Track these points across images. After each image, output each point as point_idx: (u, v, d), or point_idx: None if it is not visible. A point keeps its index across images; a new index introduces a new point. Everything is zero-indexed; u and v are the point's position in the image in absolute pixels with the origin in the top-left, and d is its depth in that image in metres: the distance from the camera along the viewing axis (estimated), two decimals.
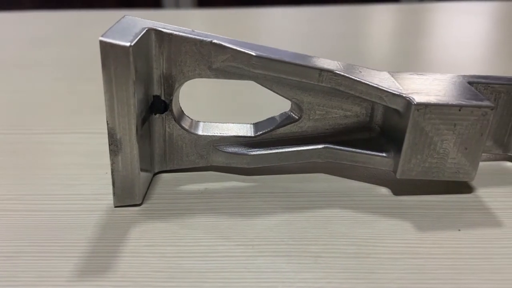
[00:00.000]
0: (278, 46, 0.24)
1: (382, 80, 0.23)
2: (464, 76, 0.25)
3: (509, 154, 0.26)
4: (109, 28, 0.21)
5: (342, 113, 0.25)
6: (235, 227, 0.20)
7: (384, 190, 0.23)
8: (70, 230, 0.20)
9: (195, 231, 0.20)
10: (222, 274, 0.18)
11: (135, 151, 0.21)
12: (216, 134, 0.25)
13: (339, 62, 0.24)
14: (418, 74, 0.25)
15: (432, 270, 0.18)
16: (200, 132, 0.25)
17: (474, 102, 0.21)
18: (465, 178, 0.22)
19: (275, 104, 0.27)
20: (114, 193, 0.22)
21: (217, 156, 0.25)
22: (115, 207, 0.22)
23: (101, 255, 0.19)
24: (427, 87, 0.23)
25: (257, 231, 0.20)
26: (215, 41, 0.22)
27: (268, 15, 0.65)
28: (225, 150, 0.25)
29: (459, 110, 0.21)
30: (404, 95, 0.22)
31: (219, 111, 0.33)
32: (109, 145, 0.21)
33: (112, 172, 0.22)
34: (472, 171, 0.22)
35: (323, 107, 0.25)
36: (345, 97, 0.24)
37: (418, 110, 0.21)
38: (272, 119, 0.26)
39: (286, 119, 0.25)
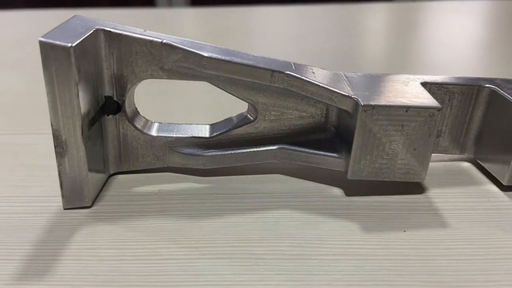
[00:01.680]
0: (270, 45, 0.24)
1: (335, 81, 0.23)
2: (418, 77, 0.25)
3: (466, 154, 0.26)
4: (54, 28, 0.21)
5: (297, 114, 0.25)
6: (182, 229, 0.20)
7: (337, 191, 0.23)
8: (14, 233, 0.20)
9: (140, 234, 0.20)
10: (160, 277, 0.17)
11: (82, 152, 0.21)
12: (171, 135, 0.25)
13: (294, 63, 0.24)
14: (371, 75, 0.25)
15: (370, 271, 0.18)
16: (154, 133, 0.25)
17: (421, 103, 0.21)
18: (416, 178, 0.22)
19: (238, 104, 0.27)
20: (62, 195, 0.22)
21: (173, 157, 0.25)
22: (65, 209, 0.22)
23: (42, 258, 0.19)
24: (378, 88, 0.23)
25: (204, 233, 0.20)
26: (165, 41, 0.22)
27: (261, 13, 0.65)
28: (181, 151, 0.25)
29: (406, 111, 0.21)
30: (352, 96, 0.22)
31: (181, 111, 0.33)
32: (55, 147, 0.21)
33: (59, 174, 0.21)
34: (422, 172, 0.22)
35: (278, 108, 0.25)
36: (299, 98, 0.24)
37: (365, 111, 0.21)
38: (229, 119, 0.26)
39: (242, 120, 0.25)
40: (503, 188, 0.23)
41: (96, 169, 0.23)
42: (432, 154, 0.27)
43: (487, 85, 0.24)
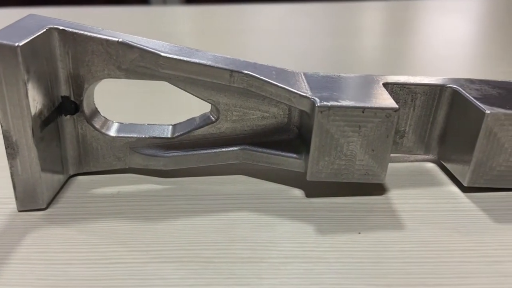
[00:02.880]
0: (264, 43, 0.23)
1: (295, 81, 0.23)
2: (380, 77, 0.25)
3: (431, 155, 0.26)
4: (5, 27, 0.20)
5: (259, 115, 0.25)
6: (135, 232, 0.20)
7: (297, 192, 0.23)
8: None
9: (93, 237, 0.20)
10: (106, 282, 0.17)
11: (34, 154, 0.21)
12: (132, 136, 0.25)
13: (256, 63, 0.24)
14: (334, 75, 0.24)
15: (318, 274, 0.17)
16: (114, 134, 0.24)
17: (378, 104, 0.21)
18: (375, 180, 0.22)
19: (206, 104, 0.26)
20: (16, 197, 0.22)
21: (134, 158, 0.25)
22: (19, 211, 0.21)
23: None
24: (338, 89, 0.22)
25: (157, 236, 0.20)
26: (122, 40, 0.22)
27: (255, 12, 0.65)
28: (142, 152, 0.25)
29: (363, 112, 0.21)
30: (309, 97, 0.21)
31: (150, 110, 0.33)
32: (6, 148, 0.20)
33: (11, 175, 0.21)
34: (381, 173, 0.22)
35: (240, 108, 0.24)
36: (261, 99, 0.24)
37: (321, 112, 0.21)
38: (192, 120, 0.26)
39: (205, 121, 0.25)
40: (464, 189, 0.23)
41: (52, 170, 0.23)
42: (397, 155, 0.27)
43: (449, 85, 0.24)
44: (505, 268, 0.18)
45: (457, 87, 0.24)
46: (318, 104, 0.21)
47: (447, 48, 0.49)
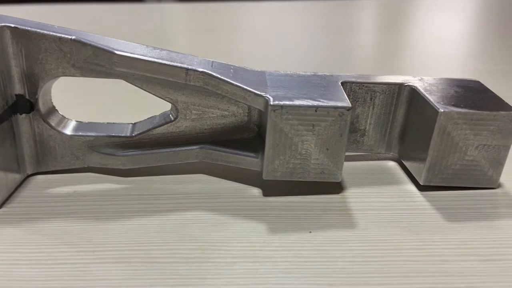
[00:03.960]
0: (259, 40, 0.23)
1: (254, 80, 0.23)
2: (339, 76, 0.25)
3: (392, 153, 0.26)
4: None
5: (219, 113, 0.24)
6: (86, 232, 0.20)
7: (255, 191, 0.23)
8: None
9: (42, 237, 0.19)
10: (49, 283, 0.17)
11: None
12: (89, 134, 0.24)
13: (214, 61, 0.24)
14: (295, 74, 0.24)
15: (264, 274, 0.17)
16: (70, 132, 0.24)
17: (331, 103, 0.21)
18: (331, 178, 0.22)
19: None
20: None
21: (92, 157, 0.24)
22: None
23: None
24: (295, 87, 0.22)
25: (108, 236, 0.20)
26: (75, 38, 0.22)
27: (249, 9, 0.65)
28: (100, 151, 0.24)
29: (315, 110, 0.20)
30: (264, 95, 0.21)
31: (112, 109, 0.33)
32: None
33: None
34: (337, 172, 0.22)
35: (199, 107, 0.24)
36: (220, 97, 0.24)
37: (274, 110, 0.20)
38: (152, 118, 0.25)
39: (164, 119, 0.25)
40: (420, 188, 0.23)
41: (6, 169, 0.22)
42: (358, 154, 0.27)
43: (407, 84, 0.24)
44: (451, 268, 0.18)
45: (415, 85, 0.24)
46: (271, 103, 0.21)
47: (440, 46, 0.49)
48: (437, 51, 0.49)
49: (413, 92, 0.24)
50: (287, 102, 0.21)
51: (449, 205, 0.22)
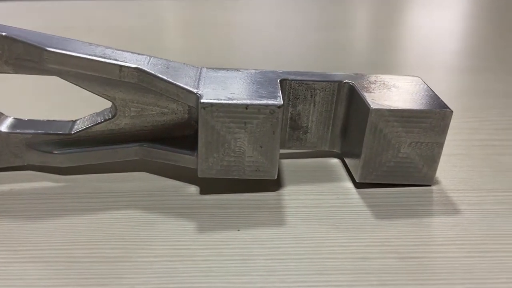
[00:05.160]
0: (250, 36, 0.23)
1: (189, 76, 0.23)
2: (280, 72, 0.24)
3: (336, 150, 0.26)
4: None
5: (158, 110, 0.24)
6: (13, 231, 0.19)
7: (193, 189, 0.23)
8: None
9: None
10: None
11: None
12: (27, 132, 0.24)
13: (153, 57, 0.23)
14: (234, 70, 0.24)
15: (181, 273, 0.17)
16: (6, 129, 0.24)
17: (262, 101, 0.21)
18: (267, 176, 0.22)
19: None
20: None
21: (30, 155, 0.24)
22: None
23: None
24: (230, 85, 0.22)
25: (34, 235, 0.19)
26: (6, 34, 0.21)
27: (242, 5, 0.64)
28: (38, 149, 0.24)
29: (246, 108, 0.20)
30: (195, 92, 0.21)
31: (56, 106, 0.32)
32: None
33: None
34: (272, 169, 0.22)
35: (137, 104, 0.24)
36: (159, 94, 0.23)
37: (204, 108, 0.20)
38: (92, 116, 0.25)
39: (104, 116, 0.24)
40: (357, 185, 0.23)
41: None
42: (303, 151, 0.27)
43: (346, 81, 0.24)
44: (370, 265, 0.18)
45: (353, 82, 0.24)
46: (201, 101, 0.20)
47: (434, 42, 0.49)
48: (429, 47, 0.49)
49: (352, 89, 0.24)
50: (218, 100, 0.21)
51: (382, 202, 0.22)
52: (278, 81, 0.23)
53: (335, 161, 0.26)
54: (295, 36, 0.52)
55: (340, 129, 0.25)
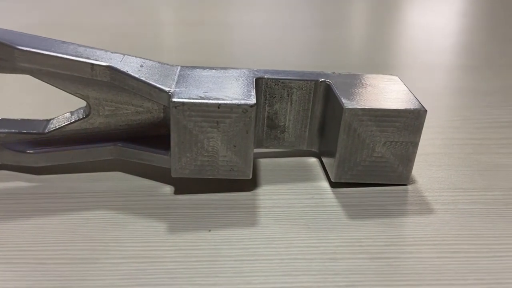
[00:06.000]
0: (244, 35, 0.23)
1: (163, 75, 0.22)
2: (256, 71, 0.24)
3: (313, 149, 0.26)
4: None
5: (133, 109, 0.24)
6: None
7: (167, 189, 0.22)
8: None
9: None
10: None
11: None
12: (0, 131, 0.24)
13: (126, 56, 0.23)
14: (210, 69, 0.24)
15: (148, 275, 0.17)
16: None
17: (235, 100, 0.20)
18: (241, 176, 0.22)
19: None
20: None
21: (4, 155, 0.24)
22: None
23: None
24: (203, 84, 0.22)
25: (1, 236, 0.19)
26: None
27: (237, 3, 0.64)
28: (12, 148, 0.24)
29: (218, 107, 0.20)
30: (167, 91, 0.21)
31: (33, 105, 0.32)
32: None
33: None
34: (246, 169, 0.22)
35: (111, 103, 0.24)
36: (133, 93, 0.23)
37: (175, 107, 0.20)
38: (66, 115, 0.25)
39: (78, 115, 0.24)
40: (333, 184, 0.23)
41: None
42: (282, 150, 0.27)
43: (322, 80, 0.24)
44: (338, 266, 0.17)
45: (329, 81, 0.24)
46: (173, 99, 0.20)
47: (423, 41, 0.49)
48: (418, 45, 0.49)
49: (328, 88, 0.23)
50: (189, 99, 0.20)
51: (356, 202, 0.22)
52: (254, 79, 0.23)
53: (313, 160, 0.25)
54: (290, 34, 0.52)
55: (318, 128, 0.25)
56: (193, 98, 0.20)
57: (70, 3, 0.63)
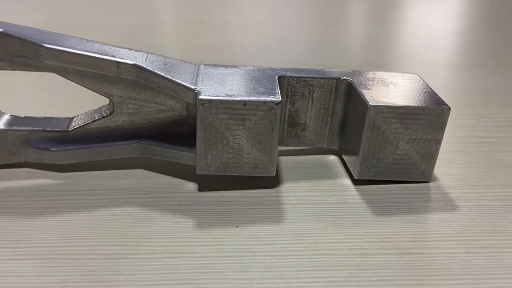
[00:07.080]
0: (245, 33, 0.23)
1: (187, 73, 0.23)
2: (278, 69, 0.24)
3: (333, 147, 0.26)
4: None
5: (156, 107, 0.24)
6: (7, 228, 0.19)
7: (191, 186, 0.23)
8: None
9: None
10: None
11: None
12: (24, 129, 0.24)
13: (151, 54, 0.23)
14: (232, 67, 0.24)
15: (179, 270, 0.17)
16: (4, 126, 0.23)
17: (261, 97, 0.21)
18: (265, 173, 0.22)
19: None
20: None
21: (28, 152, 0.24)
22: None
23: None
24: (228, 82, 0.22)
25: (29, 232, 0.19)
26: (2, 30, 0.21)
27: (238, 3, 0.64)
28: (36, 146, 0.24)
29: (244, 105, 0.20)
30: (193, 89, 0.21)
31: (55, 103, 0.32)
32: None
33: None
34: (271, 166, 0.22)
35: (135, 101, 0.24)
36: (156, 91, 0.23)
37: (202, 104, 0.20)
38: (89, 113, 0.25)
39: (101, 113, 0.24)
40: (355, 182, 0.23)
41: None
42: (302, 148, 0.27)
43: (344, 78, 0.24)
44: (367, 261, 0.18)
45: (351, 79, 0.24)
46: (200, 97, 0.20)
47: (428, 40, 0.49)
48: (423, 44, 0.49)
49: (350, 86, 0.24)
50: (216, 97, 0.20)
51: (379, 199, 0.22)
52: (276, 78, 0.23)
53: (333, 158, 0.26)
54: (290, 34, 0.52)
55: (338, 126, 0.25)
56: (219, 96, 0.21)
57: (73, 3, 0.64)
